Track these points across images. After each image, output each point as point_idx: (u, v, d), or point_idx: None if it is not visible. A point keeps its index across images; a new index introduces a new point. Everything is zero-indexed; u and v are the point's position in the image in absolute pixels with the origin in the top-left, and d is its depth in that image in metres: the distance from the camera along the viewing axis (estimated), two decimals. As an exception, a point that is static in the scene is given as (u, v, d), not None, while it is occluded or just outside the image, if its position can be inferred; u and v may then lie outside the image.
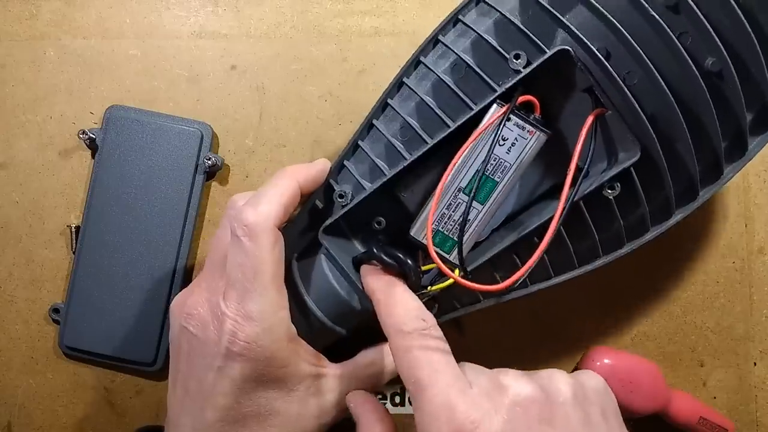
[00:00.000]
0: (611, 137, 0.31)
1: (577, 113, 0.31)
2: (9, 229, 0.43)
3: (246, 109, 0.43)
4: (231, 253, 0.31)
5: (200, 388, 0.31)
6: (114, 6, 0.44)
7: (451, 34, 0.33)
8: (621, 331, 0.44)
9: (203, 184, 0.42)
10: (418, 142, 0.32)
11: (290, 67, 0.44)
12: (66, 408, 0.42)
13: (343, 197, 0.33)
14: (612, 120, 0.30)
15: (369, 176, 0.34)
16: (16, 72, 0.43)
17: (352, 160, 0.35)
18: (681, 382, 0.43)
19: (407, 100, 0.33)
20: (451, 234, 0.32)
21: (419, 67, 0.34)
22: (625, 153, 0.30)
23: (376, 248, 0.33)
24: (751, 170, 0.44)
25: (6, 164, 0.43)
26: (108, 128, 0.41)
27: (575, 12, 0.30)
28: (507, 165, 0.31)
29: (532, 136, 0.30)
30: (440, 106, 0.32)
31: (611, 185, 0.30)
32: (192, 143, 0.41)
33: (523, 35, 0.30)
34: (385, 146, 0.34)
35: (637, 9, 0.28)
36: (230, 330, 0.30)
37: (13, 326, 0.43)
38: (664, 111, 0.29)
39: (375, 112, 0.34)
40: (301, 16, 0.44)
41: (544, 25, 0.30)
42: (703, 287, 0.44)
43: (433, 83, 0.33)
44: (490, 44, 0.31)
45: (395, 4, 0.44)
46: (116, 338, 0.40)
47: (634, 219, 0.32)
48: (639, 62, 0.29)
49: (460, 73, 0.32)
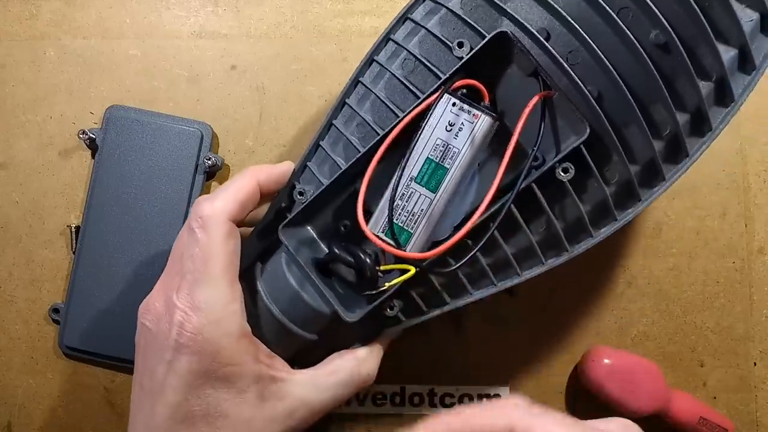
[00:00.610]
0: (561, 119, 0.30)
1: (525, 98, 0.30)
2: (9, 229, 0.43)
3: (246, 109, 0.43)
4: (186, 246, 0.31)
5: (152, 383, 0.31)
6: (114, 6, 0.44)
7: (401, 32, 0.34)
8: (621, 331, 0.44)
9: (203, 184, 0.42)
10: (373, 136, 0.32)
11: (290, 67, 0.44)
12: (66, 408, 0.42)
13: (303, 195, 0.34)
14: (560, 104, 0.30)
15: (330, 175, 0.34)
16: (16, 72, 0.43)
17: (314, 161, 0.35)
18: (681, 382, 0.43)
19: (364, 98, 0.34)
20: (406, 225, 0.32)
21: (373, 66, 0.34)
22: (576, 135, 0.30)
23: (336, 248, 0.33)
24: (751, 170, 0.44)
25: (6, 164, 0.43)
26: (108, 128, 0.41)
27: (516, 0, 0.31)
28: (455, 150, 0.31)
29: (478, 120, 0.30)
30: (394, 102, 0.32)
31: (565, 168, 0.30)
32: (192, 143, 0.41)
33: (467, 25, 0.31)
34: (344, 145, 0.34)
35: None
36: (179, 321, 0.30)
37: (13, 326, 0.43)
38: (611, 89, 0.29)
39: (333, 113, 0.34)
40: (301, 16, 0.44)
41: (487, 14, 0.31)
42: (703, 287, 0.44)
43: (386, 80, 0.33)
44: (436, 36, 0.31)
45: (395, 4, 0.44)
46: (116, 338, 0.40)
47: (596, 204, 0.32)
48: (580, 41, 0.29)
49: (410, 67, 0.32)
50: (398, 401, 0.43)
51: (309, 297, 0.34)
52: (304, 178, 0.35)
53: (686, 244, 0.44)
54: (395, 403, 0.43)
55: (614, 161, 0.31)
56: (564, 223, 0.32)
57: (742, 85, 0.31)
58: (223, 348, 0.30)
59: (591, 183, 0.31)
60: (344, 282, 0.34)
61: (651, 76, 0.29)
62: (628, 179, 0.31)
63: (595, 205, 0.32)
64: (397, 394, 0.43)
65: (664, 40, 0.29)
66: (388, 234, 0.32)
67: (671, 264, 0.44)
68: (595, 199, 0.32)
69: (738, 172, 0.43)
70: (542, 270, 0.33)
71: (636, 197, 0.32)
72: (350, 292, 0.34)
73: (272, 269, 0.35)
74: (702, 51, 0.29)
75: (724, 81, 0.30)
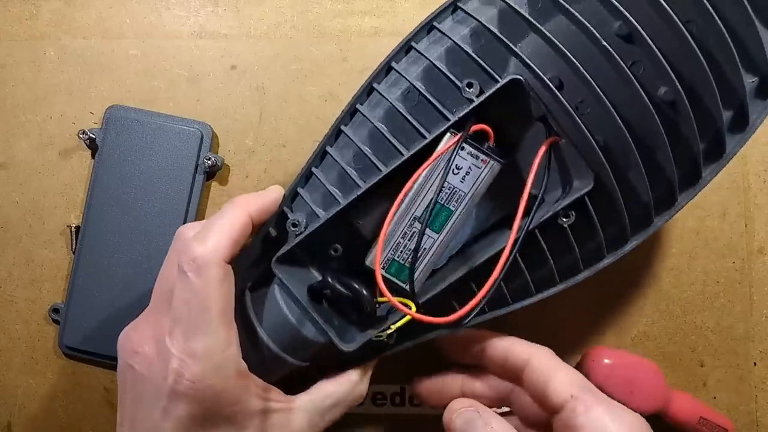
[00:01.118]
0: (566, 165, 0.31)
1: (532, 142, 0.31)
2: (9, 229, 0.43)
3: (246, 109, 0.43)
4: (177, 288, 0.30)
5: (147, 427, 0.30)
6: (114, 6, 0.44)
7: (404, 61, 0.33)
8: (621, 331, 0.44)
9: (203, 184, 0.42)
10: (373, 169, 0.32)
11: (290, 67, 0.44)
12: (66, 408, 0.42)
13: (297, 226, 0.32)
14: (566, 148, 0.30)
15: (322, 204, 0.33)
16: (16, 72, 0.43)
17: (306, 188, 0.34)
18: (681, 382, 0.43)
19: (361, 126, 0.33)
20: (406, 263, 0.32)
21: (373, 94, 0.33)
22: (580, 181, 0.30)
23: (330, 277, 0.32)
24: (751, 170, 0.44)
25: (6, 164, 0.43)
26: (108, 128, 0.41)
27: (528, 41, 0.30)
28: (462, 194, 0.31)
29: (486, 165, 0.30)
30: (394, 134, 0.32)
31: (566, 213, 0.31)
32: (192, 143, 0.41)
33: (476, 63, 0.30)
34: (338, 174, 0.33)
35: (589, 38, 0.28)
36: (175, 369, 0.29)
37: (13, 326, 0.43)
38: (617, 140, 0.29)
39: (329, 139, 0.34)
40: (301, 16, 0.44)
41: (497, 53, 0.30)
42: (703, 287, 0.44)
43: (386, 110, 0.32)
44: (442, 72, 0.31)
45: (395, 4, 0.44)
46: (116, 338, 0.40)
47: (589, 246, 0.32)
48: (591, 92, 0.29)
49: (413, 101, 0.31)
50: (398, 401, 0.43)
51: (304, 328, 0.33)
52: (295, 206, 0.34)
53: (686, 244, 0.44)
54: (395, 403, 0.43)
55: (612, 209, 0.31)
56: (559, 261, 0.33)
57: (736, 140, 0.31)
58: (223, 391, 0.30)
59: (588, 228, 0.32)
60: (338, 310, 0.34)
61: (657, 132, 0.29)
62: (621, 225, 0.32)
63: (589, 247, 0.33)
64: (397, 394, 0.43)
65: (672, 98, 0.29)
66: (389, 270, 0.32)
67: (671, 264, 0.44)
68: (588, 242, 0.32)
69: (738, 172, 0.43)
70: (532, 301, 0.34)
71: (625, 241, 0.32)
72: (345, 320, 0.34)
73: (265, 301, 0.34)
74: (705, 109, 0.30)
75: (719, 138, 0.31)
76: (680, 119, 0.29)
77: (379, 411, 0.43)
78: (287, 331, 0.33)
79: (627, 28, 0.28)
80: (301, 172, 0.34)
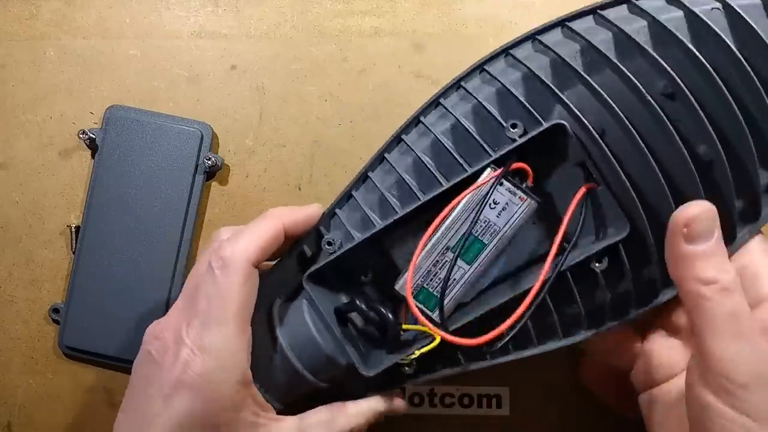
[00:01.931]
0: (602, 211, 0.31)
1: (568, 184, 0.31)
2: (9, 229, 0.43)
3: (246, 109, 0.43)
4: (203, 283, 0.31)
5: (144, 414, 0.30)
6: (114, 6, 0.44)
7: (453, 97, 0.34)
8: (621, 331, 0.44)
9: (203, 184, 0.42)
10: (411, 197, 0.33)
11: (290, 67, 0.44)
12: (66, 408, 0.42)
13: (332, 245, 0.33)
14: (603, 195, 0.31)
15: (360, 227, 0.34)
16: (16, 72, 0.43)
17: (344, 209, 0.35)
18: (681, 382, 0.43)
19: (404, 155, 0.34)
20: (436, 292, 0.32)
21: (418, 126, 0.35)
22: (614, 228, 0.31)
23: (358, 300, 0.33)
24: None
25: (6, 164, 0.43)
26: (108, 128, 0.41)
27: (575, 90, 0.30)
28: (496, 228, 0.32)
29: (523, 203, 0.31)
30: (436, 165, 0.33)
31: (599, 258, 0.31)
32: (192, 143, 0.41)
33: (522, 106, 0.31)
34: (378, 198, 0.34)
35: (634, 92, 0.29)
36: (185, 359, 0.30)
37: (13, 326, 0.43)
38: (654, 192, 0.30)
39: (371, 165, 0.35)
40: (301, 16, 0.44)
41: (544, 98, 0.31)
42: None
43: (431, 142, 0.33)
44: (489, 111, 0.32)
45: (395, 4, 0.44)
46: (116, 338, 0.40)
47: (618, 295, 0.32)
48: (633, 144, 0.29)
49: (457, 135, 0.33)
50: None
51: (328, 348, 0.34)
52: (332, 225, 0.35)
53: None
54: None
55: (645, 259, 0.31)
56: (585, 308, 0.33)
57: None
58: (223, 394, 0.30)
59: (618, 275, 0.31)
60: (363, 335, 0.34)
61: (695, 189, 0.29)
62: (652, 276, 0.32)
63: (617, 296, 0.32)
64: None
65: (711, 158, 0.29)
66: (417, 297, 0.32)
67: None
68: (618, 289, 0.32)
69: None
70: (559, 345, 0.33)
71: (656, 294, 0.32)
72: (368, 345, 0.34)
73: (292, 316, 0.34)
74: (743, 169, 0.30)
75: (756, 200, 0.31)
76: (718, 177, 0.30)
77: (379, 411, 0.43)
78: (311, 348, 0.34)
79: (672, 87, 0.29)
80: (341, 195, 0.35)
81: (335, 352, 0.34)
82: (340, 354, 0.34)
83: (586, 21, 0.32)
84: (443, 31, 0.44)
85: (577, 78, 0.30)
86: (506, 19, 0.44)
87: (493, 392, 0.43)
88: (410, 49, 0.44)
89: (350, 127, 0.43)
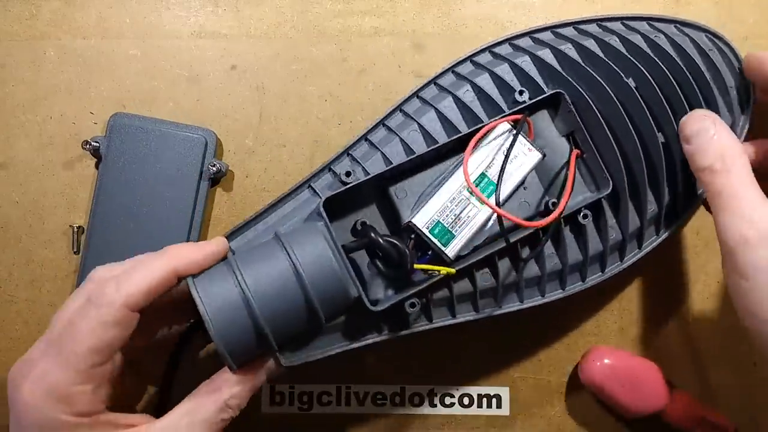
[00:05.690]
0: (584, 175, 0.38)
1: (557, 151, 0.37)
2: (9, 229, 0.43)
3: (246, 109, 0.43)
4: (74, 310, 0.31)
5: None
6: (114, 6, 0.44)
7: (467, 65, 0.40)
8: (621, 331, 0.44)
9: (208, 190, 0.42)
10: (428, 143, 0.36)
11: (290, 67, 0.44)
12: (66, 408, 0.42)
13: (350, 175, 0.35)
14: (588, 160, 0.37)
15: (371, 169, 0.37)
16: (16, 72, 0.43)
17: (358, 151, 0.38)
18: (681, 382, 0.43)
19: (421, 109, 0.38)
20: (450, 227, 0.34)
21: (433, 87, 0.39)
22: (597, 186, 0.37)
23: (374, 233, 0.34)
24: (751, 170, 0.44)
25: (6, 164, 0.43)
26: (112, 136, 0.41)
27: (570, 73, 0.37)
28: (509, 173, 0.35)
29: (531, 153, 0.36)
30: (451, 120, 0.37)
31: (584, 214, 0.36)
32: (196, 150, 0.41)
33: (530, 82, 0.37)
34: (394, 143, 0.37)
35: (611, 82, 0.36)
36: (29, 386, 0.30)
37: (13, 326, 0.43)
38: (633, 158, 0.36)
39: (387, 116, 0.38)
40: (301, 16, 0.44)
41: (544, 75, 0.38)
42: (704, 287, 0.44)
43: (449, 99, 0.38)
44: (501, 79, 0.38)
45: (395, 4, 0.44)
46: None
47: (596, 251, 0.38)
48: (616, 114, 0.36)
49: (470, 97, 0.38)
50: (398, 401, 0.43)
51: (344, 276, 0.33)
52: (342, 165, 0.37)
53: (686, 243, 0.44)
54: (395, 403, 0.43)
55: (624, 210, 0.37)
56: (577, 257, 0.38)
57: None
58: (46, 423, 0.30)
59: (603, 225, 0.37)
60: (373, 270, 0.36)
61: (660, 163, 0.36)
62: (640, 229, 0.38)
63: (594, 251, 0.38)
64: (397, 394, 0.43)
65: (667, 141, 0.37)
66: (432, 231, 0.34)
67: (672, 264, 0.44)
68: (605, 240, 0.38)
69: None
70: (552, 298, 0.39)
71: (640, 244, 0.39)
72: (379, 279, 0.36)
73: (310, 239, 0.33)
74: None
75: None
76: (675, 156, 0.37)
77: (379, 411, 0.43)
78: (325, 271, 0.32)
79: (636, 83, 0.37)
80: (355, 139, 0.38)
81: (349, 283, 0.33)
82: (352, 286, 0.33)
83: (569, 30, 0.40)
84: (443, 31, 0.44)
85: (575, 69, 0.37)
86: (506, 19, 0.44)
87: (493, 392, 0.43)
88: (410, 49, 0.44)
89: (350, 127, 0.43)
